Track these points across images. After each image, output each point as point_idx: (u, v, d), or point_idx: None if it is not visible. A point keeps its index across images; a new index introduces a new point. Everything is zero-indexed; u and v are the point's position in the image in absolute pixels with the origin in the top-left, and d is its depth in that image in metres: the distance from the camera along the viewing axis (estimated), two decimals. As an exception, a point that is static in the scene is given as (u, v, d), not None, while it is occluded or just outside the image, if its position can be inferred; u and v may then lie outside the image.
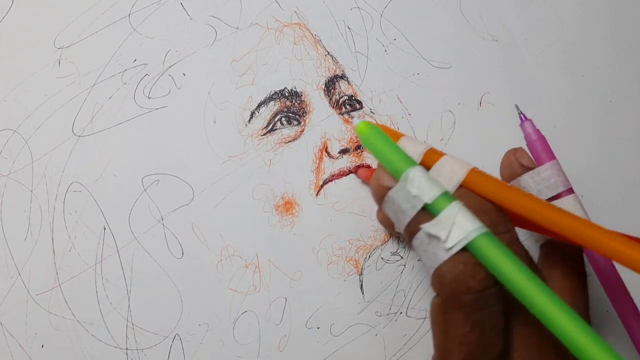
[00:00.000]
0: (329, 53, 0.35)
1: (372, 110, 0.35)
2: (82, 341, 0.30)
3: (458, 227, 0.23)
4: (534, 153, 0.33)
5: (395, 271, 0.34)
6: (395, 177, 0.25)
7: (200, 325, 0.31)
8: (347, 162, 0.34)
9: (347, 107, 0.35)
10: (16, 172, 0.30)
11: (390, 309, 0.33)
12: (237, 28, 0.34)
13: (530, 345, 0.24)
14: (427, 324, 0.34)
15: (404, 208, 0.24)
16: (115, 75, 0.32)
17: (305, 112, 0.34)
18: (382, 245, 0.34)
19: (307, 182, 0.33)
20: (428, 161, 0.27)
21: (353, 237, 0.34)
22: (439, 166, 0.26)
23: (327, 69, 0.35)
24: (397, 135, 0.28)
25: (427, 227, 0.23)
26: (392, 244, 0.34)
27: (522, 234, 0.35)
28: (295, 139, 0.34)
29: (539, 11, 0.39)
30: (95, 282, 0.30)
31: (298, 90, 0.34)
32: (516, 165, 0.30)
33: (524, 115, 0.35)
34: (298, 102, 0.34)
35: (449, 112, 0.36)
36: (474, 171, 0.26)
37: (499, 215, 0.25)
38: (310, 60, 0.35)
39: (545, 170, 0.29)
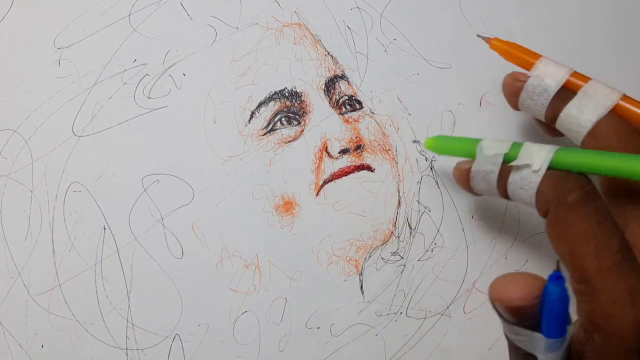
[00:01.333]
0: (329, 53, 0.35)
1: (372, 110, 0.35)
2: (82, 341, 0.30)
3: (538, 153, 0.27)
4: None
5: (395, 271, 0.34)
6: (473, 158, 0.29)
7: (200, 325, 0.31)
8: (347, 162, 0.34)
9: (347, 107, 0.35)
10: (16, 172, 0.30)
11: (390, 309, 0.33)
12: (237, 28, 0.34)
13: None
14: (427, 324, 0.34)
15: (489, 169, 0.28)
16: (115, 75, 0.32)
17: (305, 112, 0.34)
18: (382, 245, 0.34)
19: (307, 182, 0.33)
20: (571, 85, 0.29)
21: (353, 237, 0.34)
22: (588, 88, 0.28)
23: (327, 69, 0.35)
24: (535, 56, 0.30)
25: (516, 162, 0.27)
26: (392, 244, 0.34)
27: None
28: (295, 139, 0.34)
29: (539, 11, 0.39)
30: (95, 282, 0.30)
31: (298, 91, 0.34)
32: (514, 80, 0.31)
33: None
34: (298, 102, 0.34)
35: (449, 112, 0.36)
36: (626, 96, 0.28)
37: None
38: (310, 61, 0.35)
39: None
